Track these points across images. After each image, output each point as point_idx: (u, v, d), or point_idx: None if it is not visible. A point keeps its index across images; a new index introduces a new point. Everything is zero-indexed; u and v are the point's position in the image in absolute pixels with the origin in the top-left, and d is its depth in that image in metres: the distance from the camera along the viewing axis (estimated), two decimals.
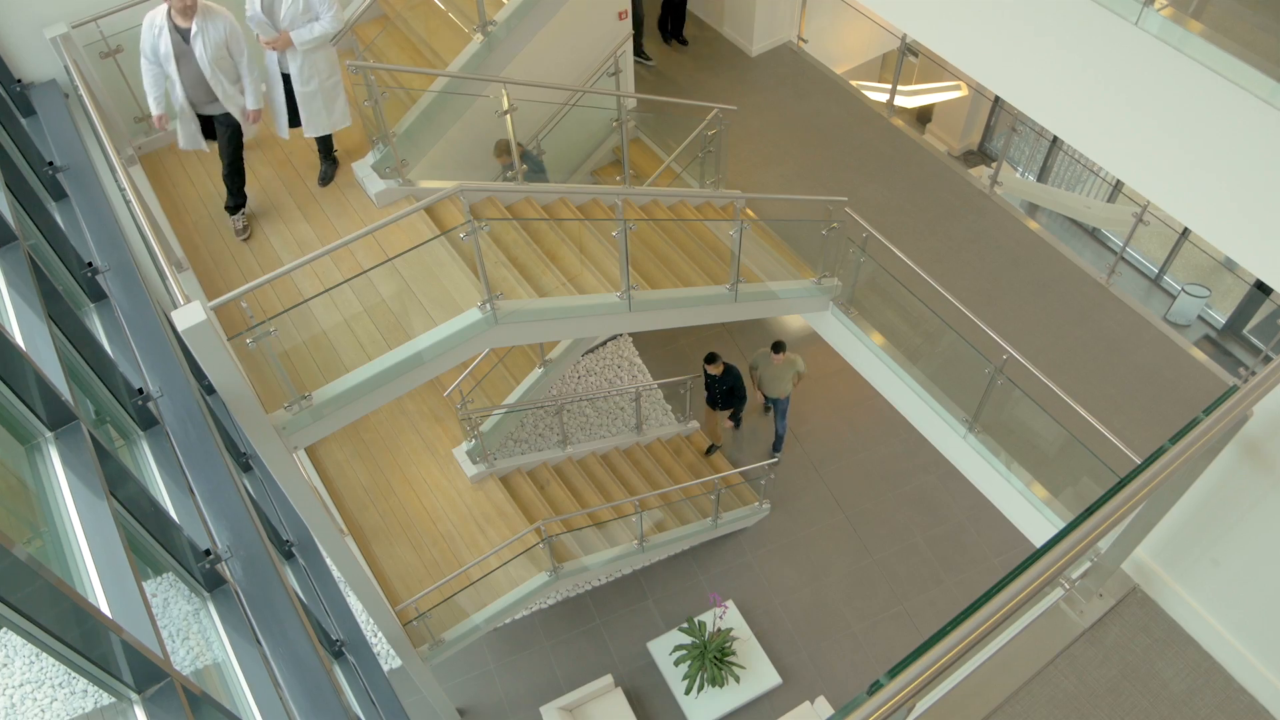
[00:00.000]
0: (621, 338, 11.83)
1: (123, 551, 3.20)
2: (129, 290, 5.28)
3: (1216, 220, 4.38)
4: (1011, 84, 5.03)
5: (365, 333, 5.88)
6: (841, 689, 9.31)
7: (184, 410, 4.79)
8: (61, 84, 6.51)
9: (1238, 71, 3.85)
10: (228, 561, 4.30)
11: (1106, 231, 12.09)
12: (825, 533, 10.38)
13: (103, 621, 2.76)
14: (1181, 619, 4.03)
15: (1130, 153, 4.58)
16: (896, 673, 2.34)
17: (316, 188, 6.90)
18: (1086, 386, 7.47)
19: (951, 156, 10.94)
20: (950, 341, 7.26)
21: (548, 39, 7.28)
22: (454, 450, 9.28)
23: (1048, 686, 3.88)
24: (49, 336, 3.81)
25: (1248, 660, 3.86)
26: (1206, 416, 2.91)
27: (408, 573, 8.50)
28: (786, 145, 9.67)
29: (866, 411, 11.01)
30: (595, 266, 7.03)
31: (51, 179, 5.76)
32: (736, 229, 7.09)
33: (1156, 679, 3.90)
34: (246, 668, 3.98)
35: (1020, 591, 2.49)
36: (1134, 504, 2.76)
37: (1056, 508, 6.64)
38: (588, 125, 8.26)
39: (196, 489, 4.51)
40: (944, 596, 9.84)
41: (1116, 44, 4.24)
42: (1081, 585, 4.04)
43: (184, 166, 7.03)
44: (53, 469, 3.40)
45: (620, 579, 10.26)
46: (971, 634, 2.41)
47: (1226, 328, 11.02)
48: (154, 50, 5.91)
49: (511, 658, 9.77)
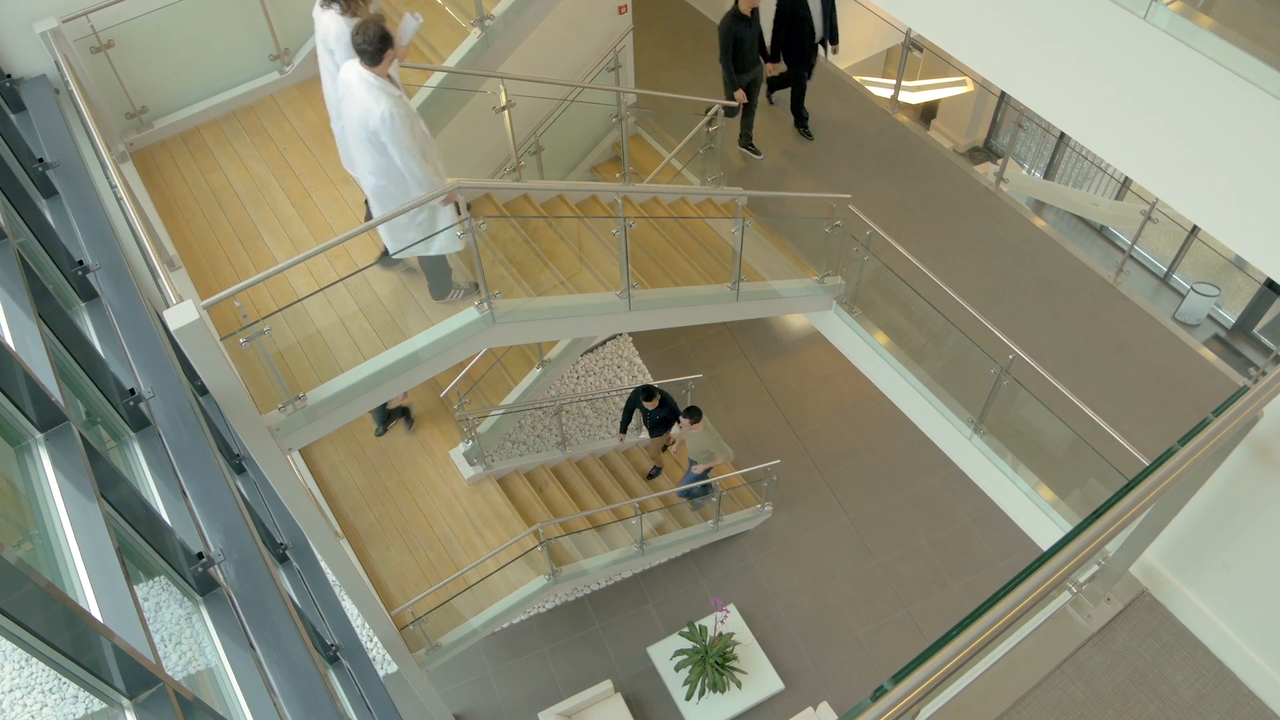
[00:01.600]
0: (621, 337, 11.80)
1: (114, 554, 3.19)
2: (120, 289, 5.24)
3: (1226, 217, 4.35)
4: (1017, 79, 5.00)
5: (360, 332, 5.84)
6: (845, 694, 9.26)
7: (176, 411, 4.76)
8: (52, 79, 6.47)
9: (1247, 66, 3.81)
10: (220, 565, 4.27)
11: (1114, 229, 12.04)
12: (828, 535, 10.33)
13: (94, 626, 2.77)
14: (1191, 623, 4.00)
15: (1138, 149, 4.54)
16: (901, 678, 2.33)
17: (311, 184, 6.86)
18: (1093, 387, 7.42)
19: (956, 153, 10.88)
20: (955, 341, 7.23)
21: (546, 33, 7.24)
22: (451, 452, 9.26)
23: (1054, 692, 3.84)
24: (39, 336, 3.79)
25: (1258, 665, 3.83)
26: (1216, 417, 2.89)
27: (404, 576, 8.48)
28: (788, 142, 9.61)
29: (870, 412, 10.97)
30: (594, 265, 6.99)
31: (41, 176, 5.71)
32: (738, 227, 7.05)
33: (1165, 684, 3.86)
34: (239, 673, 3.96)
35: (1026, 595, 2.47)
36: (1142, 506, 2.74)
37: (1063, 510, 6.59)
38: (587, 121, 8.23)
39: (189, 491, 4.48)
40: (949, 600, 9.80)
41: (1124, 38, 4.20)
42: (1089, 589, 4.01)
43: (176, 163, 7.00)
44: (43, 471, 3.39)
45: (620, 582, 10.22)
46: (977, 639, 2.39)
47: (1236, 327, 10.96)
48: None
49: (509, 663, 9.73)
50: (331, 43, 5.35)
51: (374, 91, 4.93)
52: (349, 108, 5.06)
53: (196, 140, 7.14)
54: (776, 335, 11.79)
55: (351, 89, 5.01)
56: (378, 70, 4.93)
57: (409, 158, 5.08)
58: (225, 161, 7.01)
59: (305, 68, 7.43)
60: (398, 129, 4.97)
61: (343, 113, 5.16)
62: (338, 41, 5.29)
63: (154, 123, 7.05)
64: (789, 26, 8.72)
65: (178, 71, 6.97)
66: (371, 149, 5.11)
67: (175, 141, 7.12)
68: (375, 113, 4.94)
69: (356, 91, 4.98)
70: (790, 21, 8.68)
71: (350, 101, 5.04)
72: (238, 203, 6.75)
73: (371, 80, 4.94)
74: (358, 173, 5.50)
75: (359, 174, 5.48)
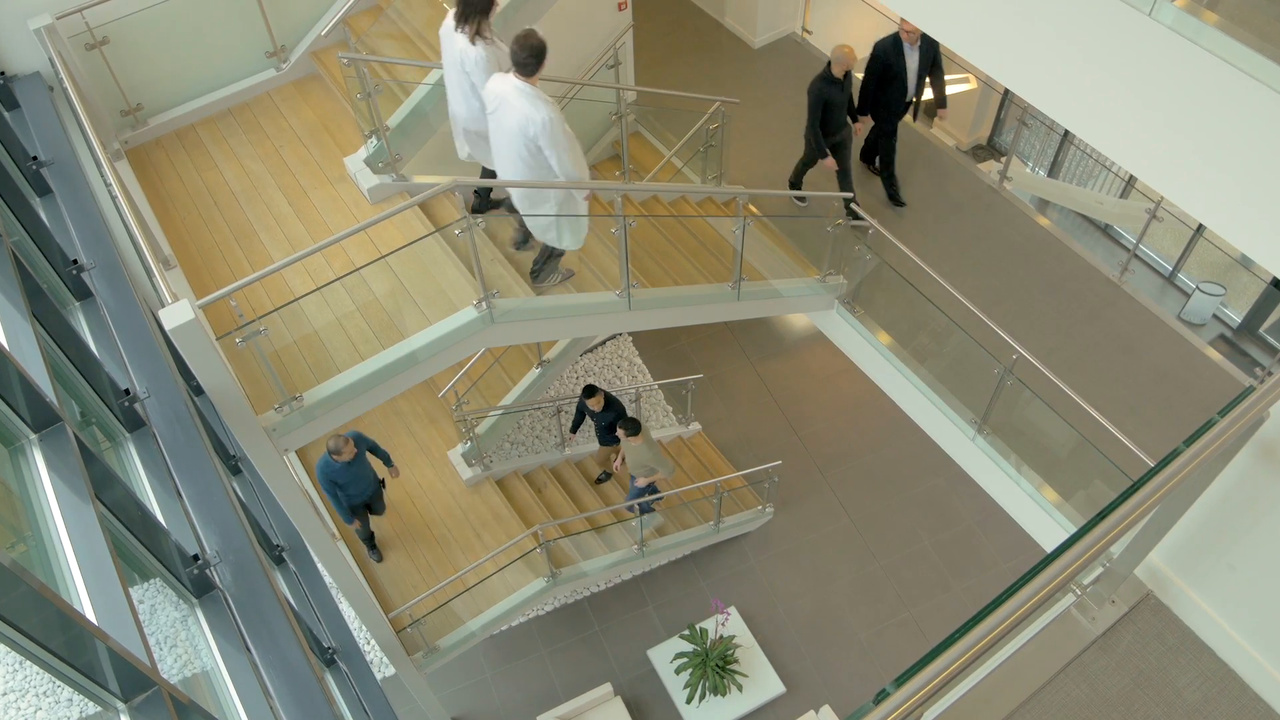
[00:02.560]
0: (621, 337, 11.77)
1: (109, 557, 3.19)
2: (115, 288, 5.25)
3: (1231, 216, 4.31)
4: (1021, 76, 4.96)
5: (358, 332, 5.83)
6: (847, 698, 9.22)
7: (171, 411, 4.76)
8: (46, 76, 6.46)
9: (1254, 63, 3.77)
10: (216, 567, 4.27)
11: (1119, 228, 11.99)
12: (830, 537, 10.30)
13: (88, 629, 2.77)
14: (1196, 626, 4.01)
15: (1143, 147, 4.51)
16: (903, 681, 2.35)
17: (308, 182, 6.84)
18: (1098, 387, 7.43)
19: (960, 151, 10.85)
20: (958, 340, 7.20)
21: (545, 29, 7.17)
22: (449, 453, 9.25)
23: (1059, 695, 3.86)
24: (33, 336, 3.80)
25: (1264, 668, 3.84)
26: (1222, 418, 2.91)
27: (401, 578, 8.47)
28: (790, 139, 9.58)
29: (872, 413, 10.93)
30: (594, 264, 6.96)
31: (35, 174, 5.72)
32: (739, 225, 7.02)
33: (1170, 687, 3.88)
34: (236, 676, 3.96)
35: (1031, 598, 2.49)
36: (1147, 508, 2.75)
37: (1067, 511, 6.56)
38: (586, 119, 8.19)
39: (184, 492, 4.48)
40: (952, 603, 9.75)
41: (1129, 35, 4.16)
42: (1093, 591, 4.04)
43: (172, 161, 6.99)
44: (37, 472, 3.40)
45: (620, 585, 10.18)
46: (980, 641, 2.41)
47: (1242, 327, 10.92)
48: None
49: (508, 665, 9.70)
50: (469, 67, 5.69)
51: (533, 100, 5.32)
52: (506, 118, 5.44)
53: (192, 138, 7.13)
54: (778, 335, 11.76)
55: (507, 100, 5.38)
56: (532, 80, 5.35)
57: (565, 158, 5.50)
58: (221, 159, 6.99)
59: (302, 65, 7.42)
60: (556, 133, 5.39)
61: (500, 123, 5.53)
62: (475, 66, 5.65)
63: (149, 120, 7.04)
64: (881, 82, 8.22)
65: (173, 68, 6.96)
66: (527, 154, 5.51)
67: (171, 139, 7.12)
68: (536, 119, 5.32)
69: (514, 102, 5.36)
70: (884, 77, 8.18)
71: (507, 111, 5.41)
72: (234, 201, 6.74)
73: (528, 90, 5.34)
74: (504, 175, 5.86)
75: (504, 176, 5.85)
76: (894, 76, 8.15)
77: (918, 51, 8.10)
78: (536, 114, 5.31)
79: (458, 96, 5.93)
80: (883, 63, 8.14)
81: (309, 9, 7.32)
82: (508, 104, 5.40)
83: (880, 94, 8.31)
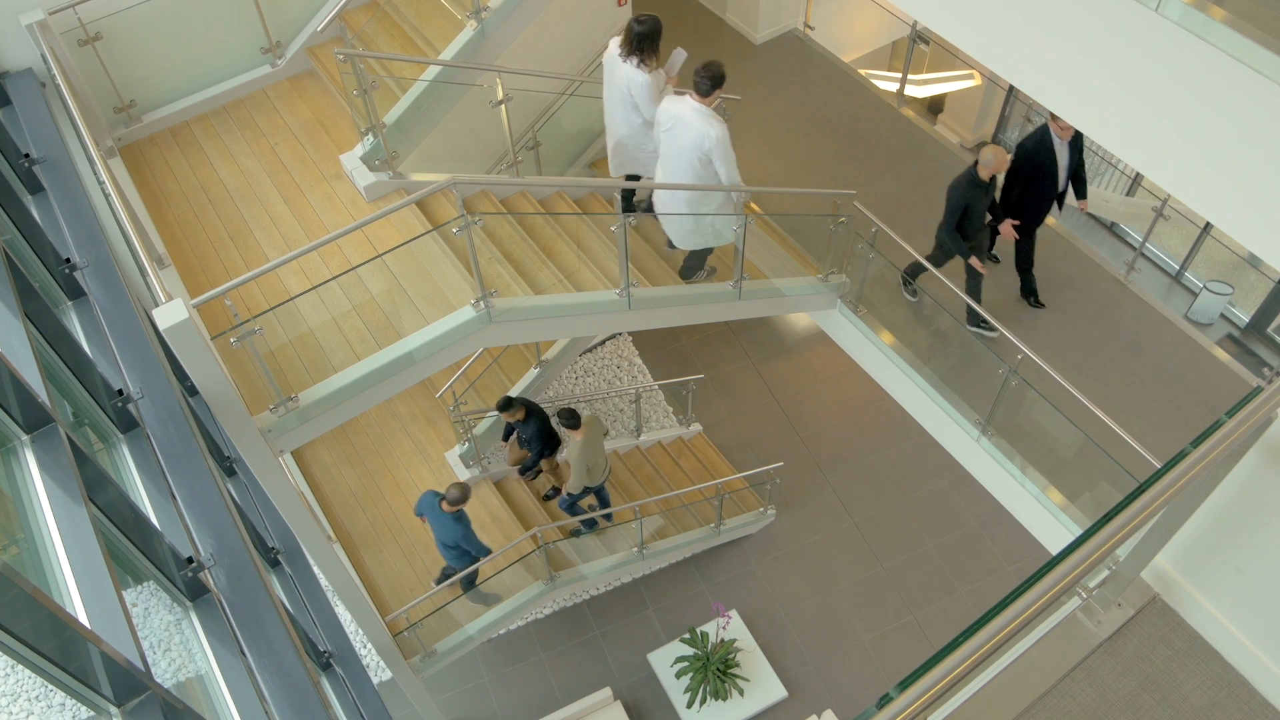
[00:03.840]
0: (621, 337, 11.75)
1: (102, 559, 3.19)
2: (108, 287, 5.22)
3: (1238, 214, 4.30)
4: (1026, 73, 4.96)
5: (354, 332, 5.81)
6: (849, 702, 9.18)
7: (165, 412, 4.73)
8: (38, 73, 6.44)
9: (1261, 59, 3.76)
10: (211, 570, 4.26)
11: (1125, 226, 11.94)
12: (832, 540, 10.26)
13: (81, 632, 2.77)
14: (1203, 629, 3.99)
15: (1149, 144, 4.49)
16: (907, 685, 2.35)
17: (303, 180, 6.80)
18: (1104, 387, 7.40)
19: (964, 148, 10.79)
20: (963, 340, 7.17)
21: (544, 26, 7.21)
22: (446, 454, 9.25)
23: (1064, 700, 3.83)
24: (25, 335, 3.78)
25: (1272, 672, 3.82)
26: (1229, 419, 2.90)
27: (398, 581, 8.45)
28: (792, 136, 9.58)
29: (875, 414, 10.90)
30: (593, 263, 6.96)
31: (27, 171, 5.70)
32: (739, 223, 6.97)
33: (1177, 691, 3.85)
34: (230, 680, 3.94)
35: (1036, 601, 2.48)
36: (1154, 510, 2.74)
37: (1073, 513, 6.53)
38: (586, 116, 8.16)
39: (178, 494, 4.45)
40: (956, 606, 9.71)
41: (1136, 31, 4.15)
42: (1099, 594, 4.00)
43: (165, 159, 6.96)
44: (29, 473, 3.39)
45: (619, 588, 10.15)
46: (985, 645, 2.40)
47: (1250, 326, 10.85)
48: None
49: (506, 669, 9.68)
50: (634, 90, 6.30)
51: (708, 119, 6.03)
52: (681, 134, 6.13)
53: (186, 135, 7.10)
54: (779, 335, 11.73)
55: (684, 119, 6.08)
56: (708, 101, 6.04)
57: (733, 169, 6.26)
58: (216, 157, 6.96)
59: (297, 61, 7.39)
60: (726, 148, 6.13)
61: (675, 139, 6.20)
62: (641, 90, 6.27)
63: (143, 117, 7.01)
64: (1028, 180, 7.52)
65: (167, 65, 6.94)
66: (698, 164, 6.21)
67: (164, 136, 7.09)
68: (711, 136, 6.03)
69: (691, 120, 6.05)
70: (1031, 175, 7.47)
71: (683, 129, 6.11)
72: (228, 199, 6.71)
73: (704, 110, 6.04)
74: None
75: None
76: (1044, 176, 7.47)
77: (1068, 147, 7.38)
78: (711, 130, 6.01)
79: (619, 116, 6.53)
80: (1032, 163, 7.45)
81: (304, 4, 7.29)
82: (684, 122, 6.07)
83: (1027, 197, 7.61)
